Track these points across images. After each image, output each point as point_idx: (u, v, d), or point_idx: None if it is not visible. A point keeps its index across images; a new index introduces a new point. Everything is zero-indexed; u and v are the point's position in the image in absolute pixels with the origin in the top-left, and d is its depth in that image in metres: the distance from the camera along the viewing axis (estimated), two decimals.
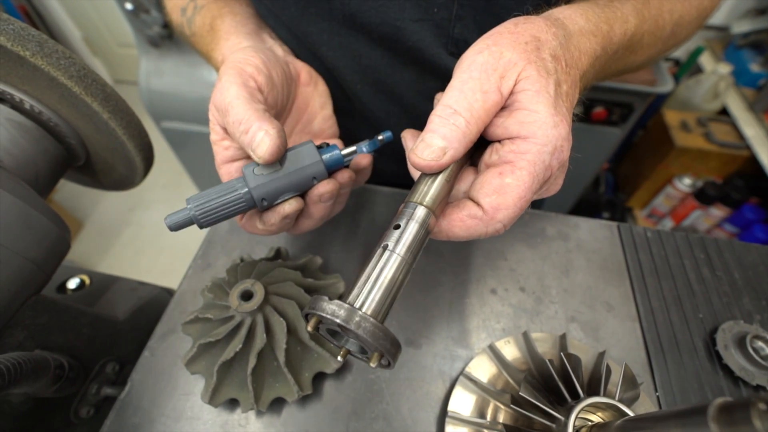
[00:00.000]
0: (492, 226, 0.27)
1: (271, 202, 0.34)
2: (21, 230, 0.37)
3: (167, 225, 0.32)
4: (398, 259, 0.25)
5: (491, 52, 0.27)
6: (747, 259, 0.53)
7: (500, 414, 0.38)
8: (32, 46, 0.37)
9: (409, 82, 0.47)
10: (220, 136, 0.37)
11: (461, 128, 0.26)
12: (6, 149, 0.41)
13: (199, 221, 0.33)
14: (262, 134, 0.31)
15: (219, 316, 0.40)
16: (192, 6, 0.48)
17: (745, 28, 1.62)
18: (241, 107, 0.32)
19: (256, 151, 0.31)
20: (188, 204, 0.33)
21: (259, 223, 0.36)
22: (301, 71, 0.44)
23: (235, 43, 0.42)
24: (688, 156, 1.63)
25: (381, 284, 0.25)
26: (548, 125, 0.26)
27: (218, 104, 0.34)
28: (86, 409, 0.48)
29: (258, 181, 0.33)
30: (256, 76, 0.36)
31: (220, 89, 0.34)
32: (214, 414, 0.41)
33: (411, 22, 0.41)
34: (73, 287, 0.59)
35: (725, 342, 0.44)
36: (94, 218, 2.19)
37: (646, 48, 0.40)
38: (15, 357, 0.35)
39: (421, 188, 0.28)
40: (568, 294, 0.50)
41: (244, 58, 0.36)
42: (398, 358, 0.25)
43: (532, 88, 0.26)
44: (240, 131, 0.32)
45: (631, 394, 0.35)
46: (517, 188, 0.26)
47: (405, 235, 0.26)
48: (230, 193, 0.33)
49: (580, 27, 0.32)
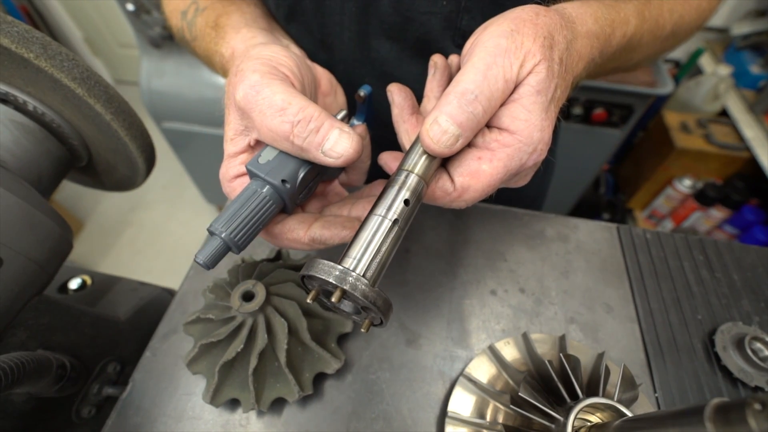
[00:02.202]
0: (456, 202, 0.29)
1: (294, 184, 0.30)
2: (24, 231, 0.37)
3: (201, 264, 0.27)
4: (390, 225, 0.26)
5: (514, 39, 0.27)
6: (746, 260, 0.54)
7: (500, 414, 0.39)
8: (36, 48, 0.38)
9: (416, 75, 0.48)
10: (240, 147, 0.32)
11: (478, 117, 0.26)
12: (9, 150, 0.42)
13: (236, 244, 0.28)
14: (337, 132, 0.28)
15: (220, 317, 0.40)
16: (193, 8, 0.46)
17: (745, 30, 1.63)
18: (306, 102, 0.28)
19: (334, 150, 0.28)
20: (215, 231, 0.28)
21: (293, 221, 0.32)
22: (322, 78, 0.40)
23: (248, 36, 0.38)
24: (689, 157, 1.64)
25: (375, 251, 0.26)
26: (536, 128, 0.27)
27: (254, 106, 0.28)
28: (87, 409, 0.48)
29: (269, 167, 0.29)
30: (293, 80, 0.31)
31: (254, 87, 0.28)
32: (216, 414, 0.41)
33: (420, 14, 0.42)
34: (75, 287, 0.59)
35: (724, 343, 0.45)
36: (95, 218, 2.20)
37: (645, 47, 0.40)
38: (18, 357, 0.35)
39: (416, 157, 0.28)
40: (567, 295, 0.50)
41: (274, 56, 0.31)
42: (390, 317, 0.26)
43: (536, 86, 0.27)
44: (309, 130, 0.27)
45: (629, 394, 0.35)
46: (489, 176, 0.28)
47: (397, 203, 0.27)
48: (252, 197, 0.29)
49: (587, 29, 0.32)
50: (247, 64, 0.30)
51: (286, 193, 0.30)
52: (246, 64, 0.30)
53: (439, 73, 0.35)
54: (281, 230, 0.32)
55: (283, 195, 0.30)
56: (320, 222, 0.32)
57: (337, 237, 0.31)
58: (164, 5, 0.51)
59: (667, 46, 0.44)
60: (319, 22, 0.45)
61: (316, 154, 0.28)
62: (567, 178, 1.61)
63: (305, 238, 0.31)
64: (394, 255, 0.27)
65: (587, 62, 0.32)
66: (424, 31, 0.43)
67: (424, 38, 0.44)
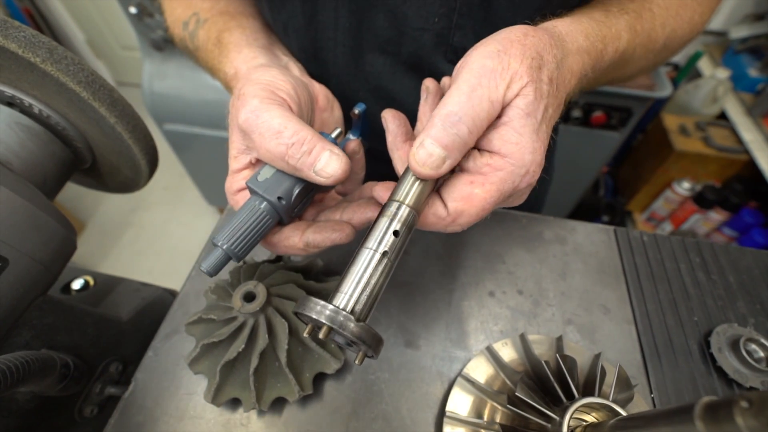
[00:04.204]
0: (451, 227, 0.30)
1: (289, 200, 0.33)
2: (29, 232, 0.38)
3: (206, 272, 0.31)
4: (381, 259, 0.26)
5: (501, 60, 0.27)
6: (742, 263, 0.54)
7: (497, 414, 0.39)
8: (42, 52, 0.38)
9: (409, 89, 0.48)
10: (242, 164, 0.34)
11: (463, 138, 0.27)
12: (15, 152, 0.42)
13: (236, 254, 0.32)
14: (328, 153, 0.30)
15: (222, 317, 0.40)
16: (194, 20, 0.47)
17: (744, 33, 1.63)
18: (300, 126, 0.30)
19: (325, 170, 0.30)
20: (217, 243, 0.32)
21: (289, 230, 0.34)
22: (319, 95, 0.42)
23: (250, 57, 0.40)
24: (687, 160, 1.64)
25: (365, 285, 0.26)
26: (527, 150, 0.27)
27: (254, 128, 0.31)
28: (90, 408, 0.49)
29: (266, 185, 0.32)
30: (290, 103, 0.33)
31: (254, 112, 0.31)
32: (217, 413, 0.41)
33: (413, 30, 0.42)
34: (78, 288, 0.59)
35: (719, 345, 0.45)
36: (96, 219, 2.20)
37: (638, 61, 0.40)
38: (23, 356, 0.35)
39: (407, 188, 0.28)
40: (565, 297, 0.51)
41: (272, 80, 0.33)
42: (380, 350, 0.27)
43: (525, 109, 0.27)
44: (302, 152, 0.30)
45: (625, 395, 0.36)
46: (482, 200, 0.28)
47: (388, 236, 0.27)
48: (251, 212, 0.32)
49: (578, 46, 0.32)
50: (248, 88, 0.32)
51: (282, 209, 0.33)
52: (247, 88, 0.32)
53: (431, 97, 0.36)
54: (278, 239, 0.34)
55: (279, 210, 0.33)
56: (313, 227, 0.34)
57: (328, 240, 0.33)
58: (166, 14, 0.52)
59: (659, 59, 0.45)
60: (312, 37, 0.46)
61: (308, 173, 0.30)
62: (566, 181, 1.61)
63: (300, 243, 0.34)
64: (386, 286, 0.27)
65: (579, 78, 0.32)
66: (417, 47, 0.43)
67: (417, 54, 0.44)
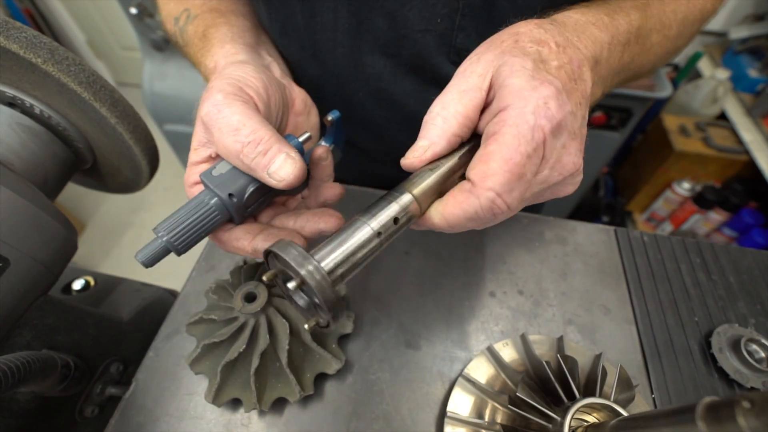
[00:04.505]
0: (483, 196, 0.26)
1: (241, 199, 0.32)
2: (30, 232, 0.38)
3: (141, 262, 0.29)
4: (371, 234, 0.26)
5: (471, 61, 0.29)
6: (742, 263, 0.54)
7: (498, 414, 0.39)
8: (44, 53, 0.38)
9: (410, 91, 0.48)
10: (202, 157, 0.33)
11: (439, 125, 0.28)
12: (16, 152, 0.42)
13: (176, 248, 0.30)
14: (283, 156, 0.29)
15: (223, 317, 0.40)
16: (185, 15, 0.46)
17: (743, 34, 1.63)
18: (259, 125, 0.30)
19: (278, 173, 0.29)
20: (158, 233, 0.30)
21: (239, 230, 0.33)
22: (296, 98, 0.41)
23: (231, 52, 0.39)
24: (687, 160, 1.64)
25: (350, 255, 0.26)
26: (525, 89, 0.26)
27: (214, 123, 0.30)
28: (90, 409, 0.49)
29: (220, 180, 0.31)
30: (257, 101, 0.33)
31: (216, 106, 0.30)
32: (218, 413, 0.41)
33: (415, 32, 0.42)
34: (78, 288, 0.59)
35: (720, 345, 0.45)
36: (96, 220, 2.20)
37: (657, 47, 0.39)
38: (24, 356, 0.35)
39: (413, 178, 0.29)
40: (565, 297, 0.51)
41: (243, 77, 0.33)
42: (338, 319, 0.27)
43: (508, 70, 0.27)
44: (257, 152, 0.29)
45: (626, 395, 0.36)
46: (501, 152, 0.25)
47: (382, 214, 0.27)
48: (199, 205, 0.30)
49: (575, 20, 0.32)
50: (216, 82, 0.32)
51: (232, 207, 0.31)
52: (215, 82, 0.32)
53: None
54: (228, 238, 0.33)
55: (228, 207, 0.31)
56: (264, 234, 0.33)
57: None
58: (160, 10, 0.52)
59: (677, 47, 0.43)
60: (311, 38, 0.46)
61: (262, 175, 0.30)
62: None
63: (248, 248, 0.32)
64: (366, 265, 0.27)
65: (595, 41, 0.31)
66: (419, 49, 0.43)
67: (419, 55, 0.44)
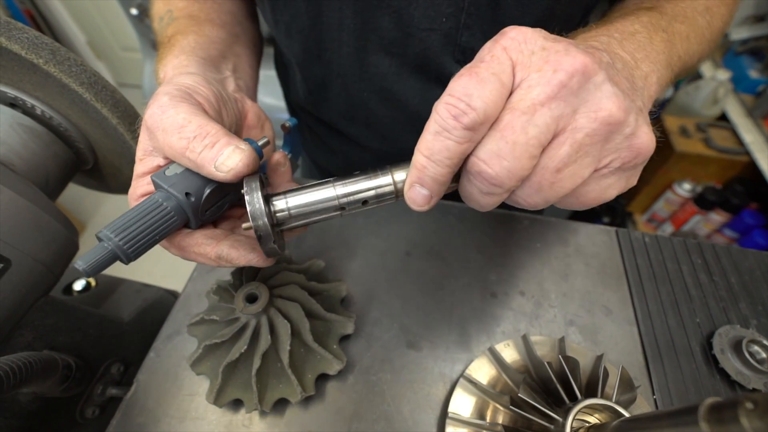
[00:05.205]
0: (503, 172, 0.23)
1: (199, 199, 0.30)
2: (32, 232, 0.38)
3: (82, 269, 0.26)
4: (337, 209, 0.28)
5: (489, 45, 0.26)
6: (744, 264, 0.54)
7: (499, 415, 0.39)
8: (45, 54, 0.38)
9: (415, 90, 0.48)
10: (149, 168, 0.31)
11: None
12: (17, 153, 0.42)
13: (126, 253, 0.27)
14: (232, 148, 0.28)
15: (224, 318, 0.40)
16: (168, 16, 0.46)
17: (744, 35, 1.63)
18: (206, 121, 0.28)
19: (225, 164, 0.27)
20: (104, 238, 0.27)
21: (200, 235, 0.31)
22: (249, 112, 0.39)
23: (183, 64, 0.37)
24: (688, 161, 1.64)
25: (308, 214, 0.28)
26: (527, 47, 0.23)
27: (158, 124, 0.28)
28: (91, 410, 0.49)
29: (174, 180, 0.29)
30: (207, 108, 0.32)
31: (161, 107, 0.29)
32: (219, 414, 0.41)
33: (420, 31, 0.42)
34: (79, 289, 0.60)
35: (722, 346, 0.45)
36: (98, 220, 2.20)
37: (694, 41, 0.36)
38: (25, 357, 0.35)
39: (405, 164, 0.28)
40: (567, 298, 0.51)
41: (193, 84, 0.32)
42: (267, 248, 0.28)
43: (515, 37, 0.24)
44: (203, 145, 0.27)
45: (627, 396, 0.36)
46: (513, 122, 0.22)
47: (357, 199, 0.28)
48: (152, 206, 0.28)
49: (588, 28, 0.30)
50: (162, 88, 0.31)
51: (190, 208, 0.29)
52: (162, 88, 0.31)
53: None
54: (189, 243, 0.31)
55: (186, 209, 0.29)
56: (229, 241, 0.31)
57: (244, 258, 0.30)
58: (151, 7, 0.51)
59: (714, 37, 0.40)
60: (316, 38, 0.46)
61: (210, 170, 0.28)
62: None
63: (212, 254, 0.31)
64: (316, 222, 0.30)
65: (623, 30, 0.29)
66: (424, 48, 0.43)
67: (424, 54, 0.44)
